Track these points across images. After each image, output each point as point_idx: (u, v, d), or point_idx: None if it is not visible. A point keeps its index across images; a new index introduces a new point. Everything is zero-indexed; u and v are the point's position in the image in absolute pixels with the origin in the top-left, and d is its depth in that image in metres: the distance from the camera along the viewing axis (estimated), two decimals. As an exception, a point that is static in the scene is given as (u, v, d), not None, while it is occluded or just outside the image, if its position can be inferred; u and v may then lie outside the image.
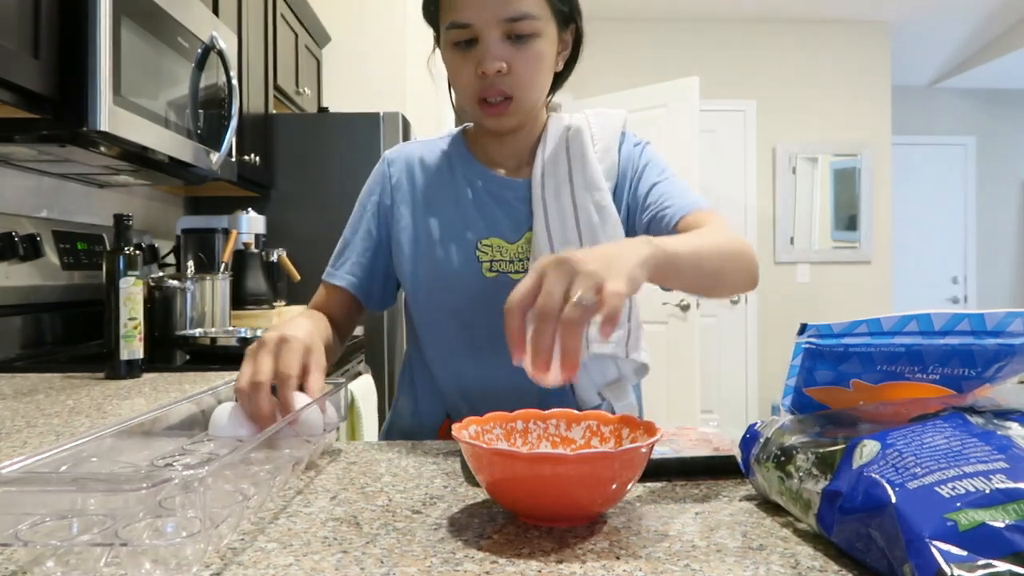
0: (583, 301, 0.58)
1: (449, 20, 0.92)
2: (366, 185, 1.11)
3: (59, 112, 1.36)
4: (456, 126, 1.13)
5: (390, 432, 1.12)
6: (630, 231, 1.03)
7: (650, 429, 0.64)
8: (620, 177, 1.05)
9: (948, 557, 0.42)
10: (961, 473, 0.47)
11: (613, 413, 1.01)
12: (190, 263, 2.22)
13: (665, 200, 0.99)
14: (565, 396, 1.00)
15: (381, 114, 2.82)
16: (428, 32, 1.04)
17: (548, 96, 1.04)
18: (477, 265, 1.01)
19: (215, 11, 2.17)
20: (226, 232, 2.31)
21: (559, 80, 1.04)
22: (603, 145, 1.04)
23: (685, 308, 3.85)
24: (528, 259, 1.01)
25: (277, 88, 2.82)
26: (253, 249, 2.49)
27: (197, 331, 1.83)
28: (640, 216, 1.02)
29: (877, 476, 0.50)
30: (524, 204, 1.02)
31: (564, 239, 0.98)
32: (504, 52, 0.91)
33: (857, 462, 0.53)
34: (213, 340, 1.73)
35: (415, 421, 1.08)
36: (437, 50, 1.03)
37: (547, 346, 0.58)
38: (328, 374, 0.85)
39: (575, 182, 1.00)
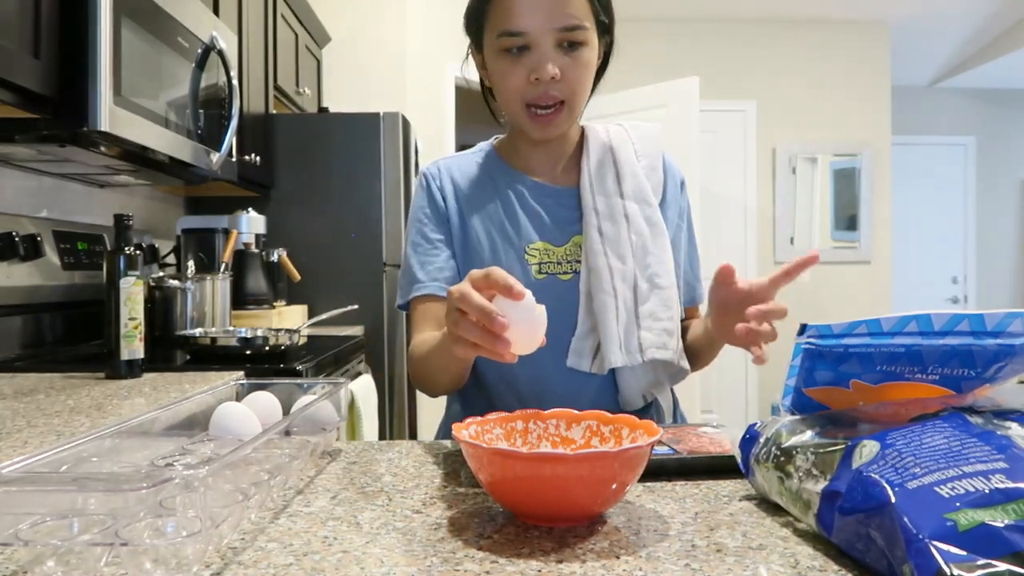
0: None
1: (501, 28, 0.94)
2: (414, 203, 1.10)
3: (59, 112, 1.36)
4: (492, 135, 1.13)
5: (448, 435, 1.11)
6: None
7: (650, 429, 0.64)
8: (665, 202, 1.08)
9: (948, 557, 0.42)
10: (961, 473, 0.47)
11: (658, 409, 1.07)
12: (190, 263, 2.22)
13: (690, 279, 1.13)
14: (609, 397, 1.02)
15: (381, 114, 2.82)
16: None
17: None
18: (527, 268, 1.02)
19: (215, 11, 2.17)
20: (226, 232, 2.31)
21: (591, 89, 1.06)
22: (648, 162, 1.08)
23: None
24: (577, 261, 1.02)
25: (277, 88, 2.82)
26: (253, 249, 2.49)
27: (197, 331, 1.83)
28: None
29: (877, 476, 0.50)
30: (568, 210, 1.05)
31: (617, 244, 1.01)
32: (557, 59, 0.94)
33: (857, 462, 0.53)
34: (213, 340, 1.73)
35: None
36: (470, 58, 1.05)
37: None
38: (328, 374, 0.84)
39: (625, 193, 1.04)
